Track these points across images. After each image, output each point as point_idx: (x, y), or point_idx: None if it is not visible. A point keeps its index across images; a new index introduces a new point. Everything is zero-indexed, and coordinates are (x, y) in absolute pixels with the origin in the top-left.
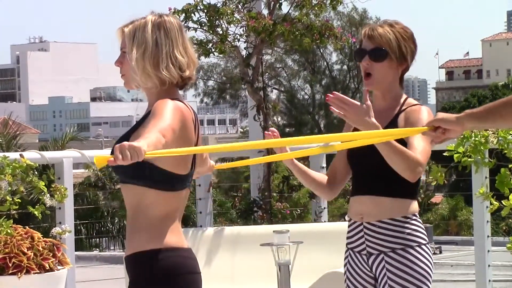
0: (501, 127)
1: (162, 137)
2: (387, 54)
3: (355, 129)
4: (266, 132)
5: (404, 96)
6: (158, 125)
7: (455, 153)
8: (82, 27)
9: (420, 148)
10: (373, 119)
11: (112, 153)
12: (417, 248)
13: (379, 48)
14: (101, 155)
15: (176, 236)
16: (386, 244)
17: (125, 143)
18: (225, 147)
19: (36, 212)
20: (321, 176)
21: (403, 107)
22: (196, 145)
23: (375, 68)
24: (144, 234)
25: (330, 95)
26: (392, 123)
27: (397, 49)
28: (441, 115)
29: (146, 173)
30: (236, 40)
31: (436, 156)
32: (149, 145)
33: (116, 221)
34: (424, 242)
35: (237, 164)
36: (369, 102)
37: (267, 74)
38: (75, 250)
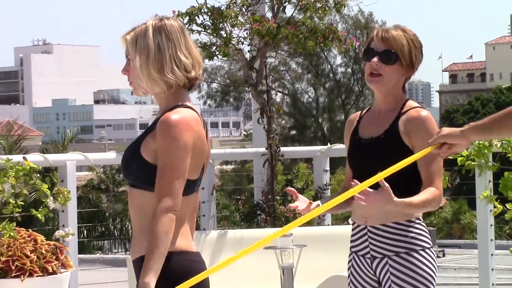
0: (507, 136)
1: (178, 189)
2: (398, 58)
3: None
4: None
5: (405, 98)
6: (173, 176)
7: (459, 157)
8: (85, 30)
9: (433, 173)
10: (393, 202)
11: None
12: (421, 252)
13: (390, 50)
14: None
15: (185, 240)
16: (390, 248)
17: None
18: None
19: (39, 215)
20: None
21: (404, 109)
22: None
23: (383, 70)
24: None
25: (352, 183)
26: (393, 126)
27: (408, 55)
28: (445, 131)
29: None
30: (240, 43)
31: None
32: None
33: (119, 223)
34: (428, 245)
35: None
36: (386, 185)
37: (271, 77)
38: (78, 253)
